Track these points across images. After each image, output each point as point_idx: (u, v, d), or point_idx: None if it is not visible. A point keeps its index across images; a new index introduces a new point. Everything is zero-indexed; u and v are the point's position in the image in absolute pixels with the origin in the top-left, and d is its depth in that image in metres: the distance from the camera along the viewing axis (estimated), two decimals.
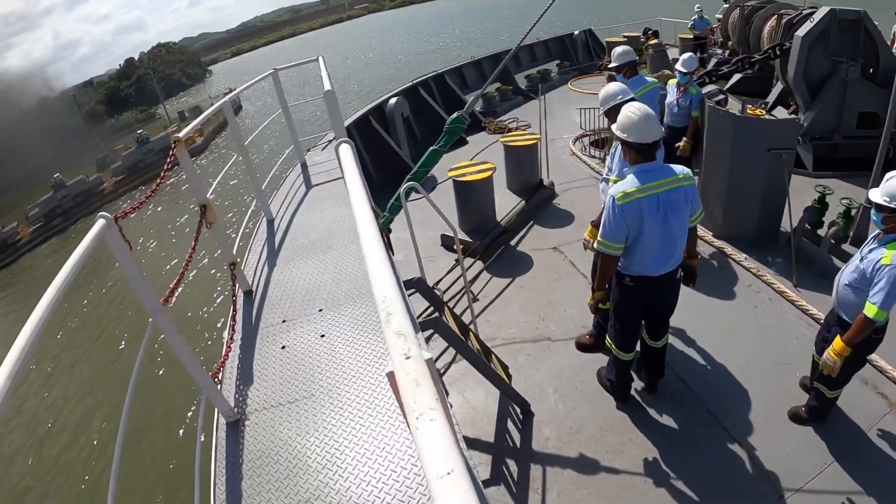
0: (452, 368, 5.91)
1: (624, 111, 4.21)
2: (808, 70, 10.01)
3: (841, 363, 4.12)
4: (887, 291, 3.81)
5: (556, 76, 19.80)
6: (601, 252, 4.43)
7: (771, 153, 6.90)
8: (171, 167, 3.57)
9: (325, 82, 5.63)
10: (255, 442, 3.19)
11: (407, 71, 33.22)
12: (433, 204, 5.06)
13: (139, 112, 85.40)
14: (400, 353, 1.20)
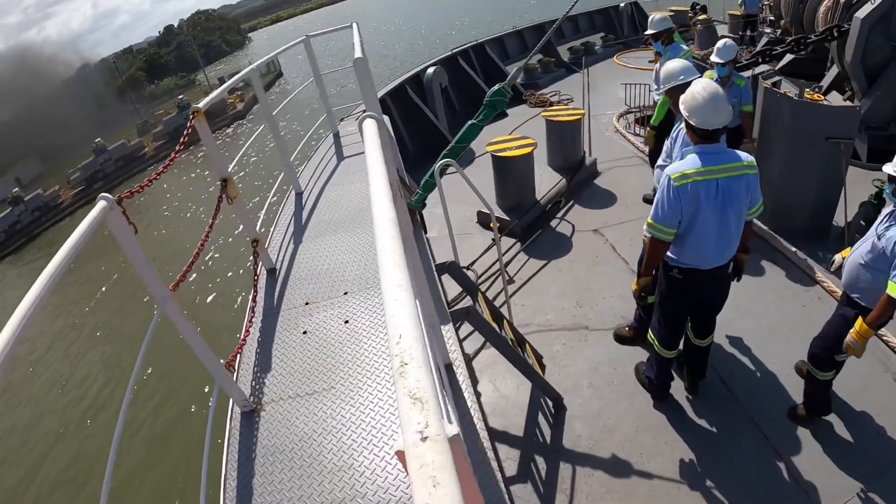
0: (483, 354, 5.69)
1: (691, 89, 3.88)
2: (866, 54, 9.48)
3: (865, 345, 3.88)
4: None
5: (600, 49, 19.23)
6: (651, 235, 4.11)
7: (829, 142, 6.48)
8: (188, 139, 3.36)
9: (357, 49, 5.36)
10: (269, 436, 3.04)
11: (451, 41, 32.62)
12: (469, 181, 4.80)
13: (179, 78, 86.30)
14: (414, 430, 0.83)
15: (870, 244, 3.88)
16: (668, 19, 6.98)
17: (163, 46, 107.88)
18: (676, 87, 4.90)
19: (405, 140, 11.76)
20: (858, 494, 4.12)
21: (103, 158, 40.55)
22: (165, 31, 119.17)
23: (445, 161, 4.76)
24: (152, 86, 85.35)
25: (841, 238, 6.68)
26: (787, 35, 13.35)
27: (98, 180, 39.38)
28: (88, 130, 50.83)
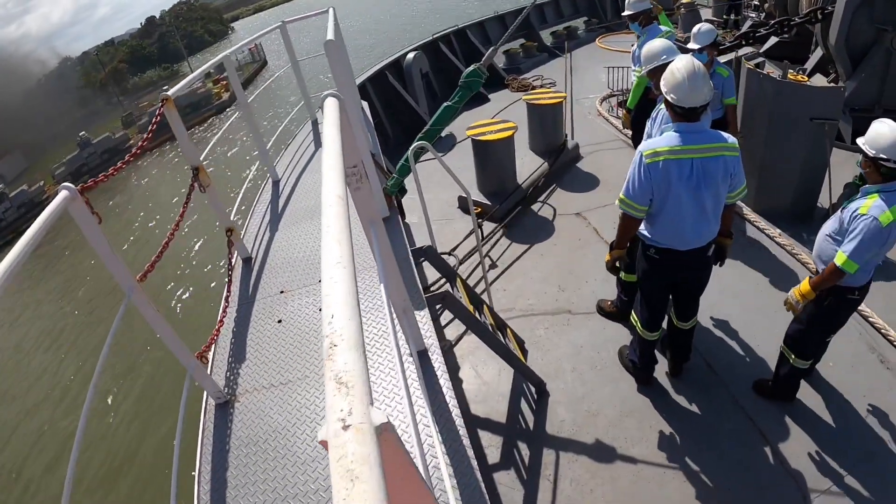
0: (465, 341, 5.63)
1: (671, 67, 3.81)
2: (850, 37, 9.49)
3: (801, 305, 4.07)
4: (859, 241, 3.68)
5: (583, 33, 19.11)
6: (622, 209, 4.08)
7: (813, 123, 6.46)
8: (156, 127, 3.30)
9: (329, 32, 5.27)
10: (244, 427, 3.01)
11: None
12: (444, 165, 4.76)
13: (162, 70, 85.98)
14: (336, 418, 0.76)
15: (835, 217, 3.98)
16: (645, 1, 6.90)
17: (145, 38, 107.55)
18: (658, 68, 4.84)
19: (385, 126, 11.72)
20: (845, 479, 4.12)
21: (88, 152, 40.28)
22: (147, 22, 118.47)
23: (420, 144, 4.71)
24: (135, 78, 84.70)
25: (825, 219, 6.64)
26: (771, 18, 13.37)
27: (84, 174, 38.92)
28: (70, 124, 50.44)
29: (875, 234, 3.65)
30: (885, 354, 5.09)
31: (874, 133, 3.68)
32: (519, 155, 8.39)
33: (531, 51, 16.96)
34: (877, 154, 3.60)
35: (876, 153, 3.59)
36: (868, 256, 3.74)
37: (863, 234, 3.64)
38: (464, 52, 15.40)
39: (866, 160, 3.75)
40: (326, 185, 1.52)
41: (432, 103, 13.01)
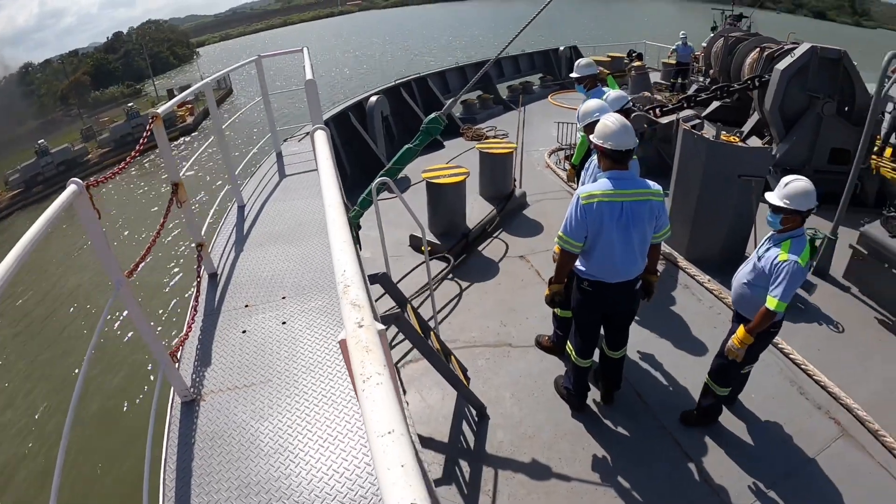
0: (410, 367, 5.92)
1: (602, 121, 4.36)
2: (784, 103, 10.27)
3: (744, 350, 4.48)
4: (786, 284, 4.17)
5: (537, 89, 19.95)
6: (560, 246, 4.54)
7: (742, 179, 7.04)
8: (148, 142, 3.56)
9: (308, 72, 5.65)
10: (208, 423, 3.19)
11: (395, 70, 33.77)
12: (404, 202, 5.08)
13: (125, 87, 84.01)
14: (353, 322, 1.23)
15: (752, 265, 4.51)
16: (592, 65, 7.40)
17: (110, 53, 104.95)
18: (592, 124, 5.33)
19: (344, 164, 12.00)
20: (767, 494, 4.54)
21: (45, 161, 39.03)
22: (114, 37, 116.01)
23: (382, 179, 5.05)
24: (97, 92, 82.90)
25: None
26: (716, 83, 14.20)
27: (38, 183, 37.99)
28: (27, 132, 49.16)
29: (799, 275, 4.19)
30: (805, 387, 5.63)
31: (791, 189, 4.22)
32: (469, 199, 8.80)
33: (487, 102, 17.68)
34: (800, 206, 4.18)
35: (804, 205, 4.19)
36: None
37: (789, 277, 4.16)
38: (423, 99, 15.91)
39: (785, 213, 4.27)
40: (326, 193, 1.93)
41: (390, 145, 13.38)
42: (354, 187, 9.40)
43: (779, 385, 5.71)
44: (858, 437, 5.11)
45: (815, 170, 10.07)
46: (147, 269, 20.17)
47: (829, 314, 6.86)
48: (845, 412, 5.35)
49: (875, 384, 5.77)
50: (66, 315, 19.63)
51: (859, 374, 5.91)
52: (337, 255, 1.61)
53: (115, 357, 15.34)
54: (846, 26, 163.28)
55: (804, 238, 4.35)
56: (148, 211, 28.69)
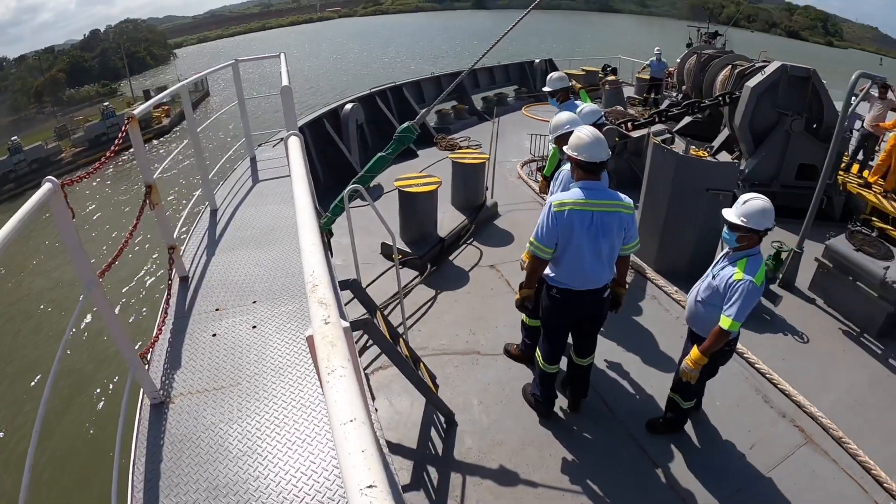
0: (380, 374, 5.95)
1: (576, 133, 4.50)
2: (754, 119, 10.55)
3: (698, 371, 4.54)
4: (740, 304, 4.21)
5: (512, 101, 20.23)
6: (531, 252, 4.65)
7: (709, 193, 7.20)
8: (123, 143, 3.57)
9: (284, 78, 5.69)
10: (177, 425, 3.20)
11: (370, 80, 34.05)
12: (376, 209, 5.14)
13: (101, 86, 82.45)
14: (320, 319, 1.31)
15: (706, 283, 4.59)
16: (564, 79, 7.57)
17: (86, 51, 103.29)
18: (562, 136, 5.49)
19: (317, 170, 12.03)
20: (732, 501, 4.67)
21: (18, 158, 37.85)
22: (91, 35, 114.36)
23: (354, 186, 5.10)
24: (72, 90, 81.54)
25: None
26: (688, 99, 14.45)
27: (9, 181, 36.86)
28: None
29: (754, 294, 4.24)
30: (769, 395, 5.79)
31: (748, 208, 4.28)
32: (441, 209, 8.88)
33: (462, 113, 17.89)
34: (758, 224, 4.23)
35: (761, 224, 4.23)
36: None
37: (744, 296, 4.20)
38: (398, 108, 16.00)
39: (741, 231, 4.31)
40: (298, 197, 1.98)
41: (364, 153, 13.43)
42: (327, 194, 9.44)
43: (744, 393, 5.87)
44: (822, 444, 5.27)
45: (783, 185, 10.43)
46: (119, 271, 20.07)
47: (795, 325, 7.06)
48: (809, 420, 5.52)
49: (839, 392, 5.98)
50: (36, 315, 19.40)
51: (823, 382, 6.12)
52: (306, 256, 1.68)
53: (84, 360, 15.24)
54: (819, 46, 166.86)
55: (760, 257, 4.39)
56: (121, 212, 28.44)
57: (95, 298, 2.91)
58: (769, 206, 4.25)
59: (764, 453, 5.14)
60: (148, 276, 20.65)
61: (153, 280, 20.24)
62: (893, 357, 6.64)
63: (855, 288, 7.13)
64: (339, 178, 11.48)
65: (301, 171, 2.55)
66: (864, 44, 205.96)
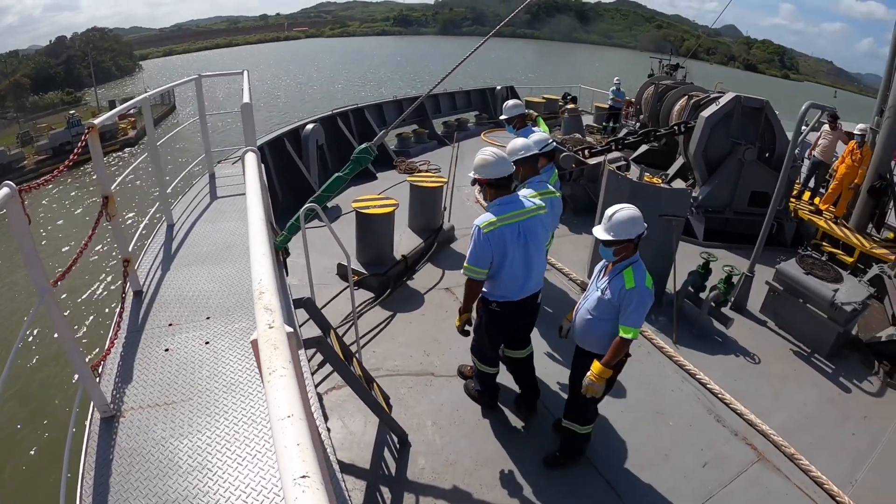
0: (333, 394, 5.95)
1: (480, 157, 4.73)
2: (708, 148, 10.89)
3: (603, 384, 4.50)
4: (640, 310, 4.33)
5: (472, 126, 20.39)
6: (467, 276, 4.83)
7: (662, 218, 7.40)
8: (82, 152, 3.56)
9: (245, 95, 5.72)
10: (127, 439, 3.17)
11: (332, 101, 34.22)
12: (331, 229, 5.16)
13: (65, 94, 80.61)
14: (265, 324, 1.38)
15: (593, 298, 4.62)
16: (520, 106, 7.78)
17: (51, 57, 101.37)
18: (522, 159, 5.76)
19: (276, 190, 12.02)
20: None
21: None
22: (57, 41, 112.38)
23: (310, 206, 5.13)
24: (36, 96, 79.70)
25: (671, 303, 7.62)
26: (645, 128, 14.84)
27: None
28: None
29: (648, 299, 4.37)
30: (722, 415, 5.96)
31: (614, 223, 4.37)
32: (398, 231, 8.95)
33: (422, 137, 18.00)
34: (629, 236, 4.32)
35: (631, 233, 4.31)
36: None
37: (639, 303, 4.31)
38: (359, 130, 16.06)
39: (616, 245, 4.39)
40: (251, 209, 2.01)
41: (323, 173, 13.43)
42: (285, 214, 9.46)
43: (696, 413, 6.02)
44: (775, 460, 5.45)
45: (736, 211, 10.81)
46: (72, 282, 19.74)
47: (747, 346, 7.27)
48: (762, 438, 5.70)
49: (790, 411, 6.20)
50: None
51: (775, 401, 6.33)
52: (255, 265, 1.75)
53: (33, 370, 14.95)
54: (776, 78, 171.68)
55: (642, 262, 4.47)
56: (77, 223, 28.04)
57: (48, 307, 2.90)
58: (635, 214, 4.34)
59: (717, 471, 5.28)
60: (101, 289, 20.28)
61: (106, 293, 19.88)
62: (844, 376, 6.91)
63: (805, 310, 7.40)
64: (298, 197, 11.46)
65: (256, 184, 2.59)
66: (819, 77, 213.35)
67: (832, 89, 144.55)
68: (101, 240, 21.95)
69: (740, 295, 8.06)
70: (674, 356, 6.86)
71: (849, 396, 6.64)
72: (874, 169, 10.58)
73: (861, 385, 6.83)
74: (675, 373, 6.67)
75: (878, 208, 10.98)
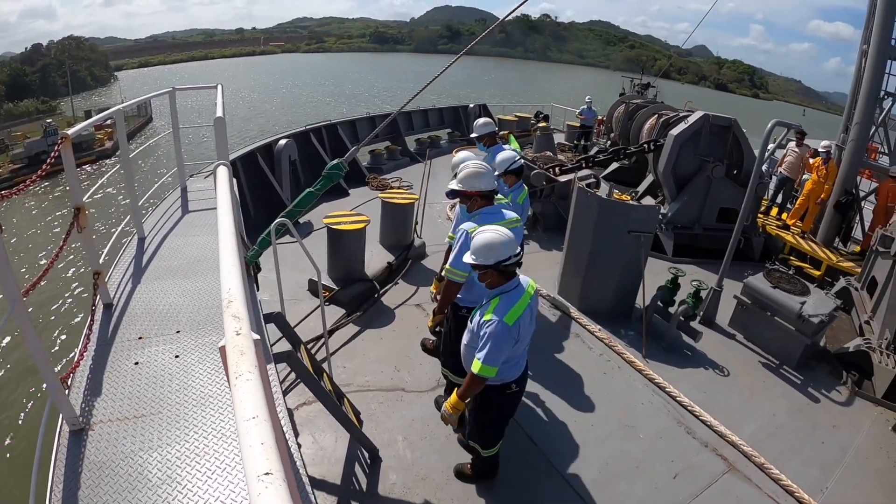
0: (304, 409, 5.94)
1: (471, 170, 5.04)
2: (677, 165, 11.13)
3: (456, 416, 4.31)
4: (489, 347, 4.01)
5: (445, 143, 20.53)
6: (448, 279, 4.97)
7: (631, 234, 7.53)
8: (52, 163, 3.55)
9: (218, 109, 5.74)
10: (96, 452, 3.15)
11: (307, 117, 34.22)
12: (302, 245, 5.18)
13: (41, 102, 78.78)
14: (232, 330, 1.45)
15: (469, 329, 4.46)
16: (490, 124, 7.93)
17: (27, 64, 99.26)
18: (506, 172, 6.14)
19: (248, 205, 12.02)
20: None
21: None
22: (33, 49, 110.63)
23: (281, 221, 5.16)
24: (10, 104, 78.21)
25: (641, 318, 7.73)
26: (616, 146, 15.09)
27: None
28: None
29: (504, 335, 4.03)
30: (692, 427, 6.06)
31: (476, 243, 4.14)
32: (369, 247, 8.98)
33: (395, 153, 18.15)
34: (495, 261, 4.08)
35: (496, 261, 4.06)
36: (504, 357, 4.13)
37: (493, 338, 4.00)
38: (332, 146, 16.16)
39: (478, 270, 4.17)
40: (222, 221, 2.04)
41: (296, 189, 13.40)
42: (257, 229, 9.45)
43: (666, 425, 6.12)
44: (745, 470, 5.55)
45: (705, 227, 11.07)
46: (41, 294, 19.46)
47: (716, 359, 7.41)
48: (732, 448, 5.81)
49: (760, 421, 6.33)
50: None
51: (745, 412, 6.45)
52: (224, 275, 1.81)
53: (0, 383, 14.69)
54: (746, 98, 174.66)
55: (515, 294, 4.18)
56: (53, 232, 27.62)
57: (18, 318, 2.89)
58: (495, 240, 4.07)
59: (688, 481, 5.37)
60: (71, 301, 20.00)
61: (76, 305, 19.62)
62: (812, 386, 7.08)
63: (773, 323, 7.56)
64: (270, 213, 11.40)
65: (227, 196, 2.62)
66: (787, 96, 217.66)
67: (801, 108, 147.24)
68: (72, 251, 21.67)
69: (709, 309, 8.22)
70: (643, 370, 6.95)
71: (818, 406, 6.79)
72: (840, 184, 10.92)
73: (830, 395, 7.00)
74: (644, 386, 6.77)
75: (844, 222, 11.30)
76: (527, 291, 4.28)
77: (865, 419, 6.65)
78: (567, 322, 8.00)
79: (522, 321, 4.16)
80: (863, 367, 7.33)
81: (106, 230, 25.29)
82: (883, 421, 6.64)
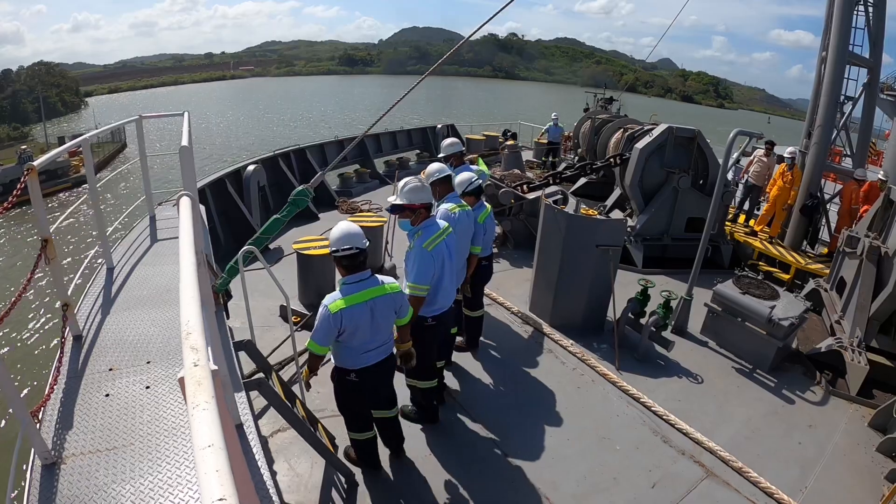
0: (279, 436, 5.92)
1: (413, 185, 5.26)
2: (644, 178, 11.35)
3: (305, 378, 4.98)
4: (316, 326, 4.58)
5: (414, 164, 20.59)
6: (414, 296, 5.14)
7: (599, 248, 7.64)
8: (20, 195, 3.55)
9: (184, 138, 5.74)
10: (69, 486, 3.13)
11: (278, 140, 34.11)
12: (270, 272, 5.23)
13: (12, 129, 77.82)
14: (191, 362, 1.51)
15: None
16: (457, 144, 8.06)
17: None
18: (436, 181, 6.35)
19: (218, 232, 12.00)
20: None
21: None
22: (3, 74, 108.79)
23: (249, 248, 5.18)
24: None
25: (612, 330, 7.84)
26: (583, 161, 15.30)
27: None
28: None
29: (325, 320, 4.50)
30: (668, 436, 6.15)
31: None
32: None
33: (364, 176, 18.20)
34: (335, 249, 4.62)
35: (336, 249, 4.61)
36: (327, 341, 4.60)
37: (318, 321, 4.53)
38: (300, 171, 16.20)
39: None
40: (183, 251, 2.09)
41: (265, 215, 13.42)
42: (228, 256, 9.44)
43: (642, 436, 6.19)
44: (724, 475, 5.64)
45: (674, 238, 11.27)
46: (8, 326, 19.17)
47: (689, 368, 7.52)
48: (709, 455, 5.90)
49: (736, 426, 6.44)
50: None
51: (721, 418, 6.55)
52: (184, 307, 1.85)
53: None
54: (711, 108, 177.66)
55: (355, 287, 4.68)
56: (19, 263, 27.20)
57: None
58: (348, 231, 4.70)
59: (667, 490, 5.43)
60: (41, 333, 19.72)
61: (46, 337, 19.34)
62: (787, 388, 7.22)
63: (744, 328, 7.71)
64: (240, 240, 11.43)
65: (189, 227, 2.65)
66: (752, 104, 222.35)
67: (766, 115, 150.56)
68: (41, 280, 21.39)
69: (680, 318, 8.35)
70: (617, 382, 7.04)
71: (793, 408, 6.92)
72: (805, 188, 11.15)
73: (804, 395, 7.14)
74: (619, 398, 6.84)
75: (811, 226, 11.56)
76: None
77: (841, 417, 6.79)
78: (539, 338, 8.06)
79: None
80: (836, 367, 7.51)
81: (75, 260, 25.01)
82: (858, 418, 6.80)
